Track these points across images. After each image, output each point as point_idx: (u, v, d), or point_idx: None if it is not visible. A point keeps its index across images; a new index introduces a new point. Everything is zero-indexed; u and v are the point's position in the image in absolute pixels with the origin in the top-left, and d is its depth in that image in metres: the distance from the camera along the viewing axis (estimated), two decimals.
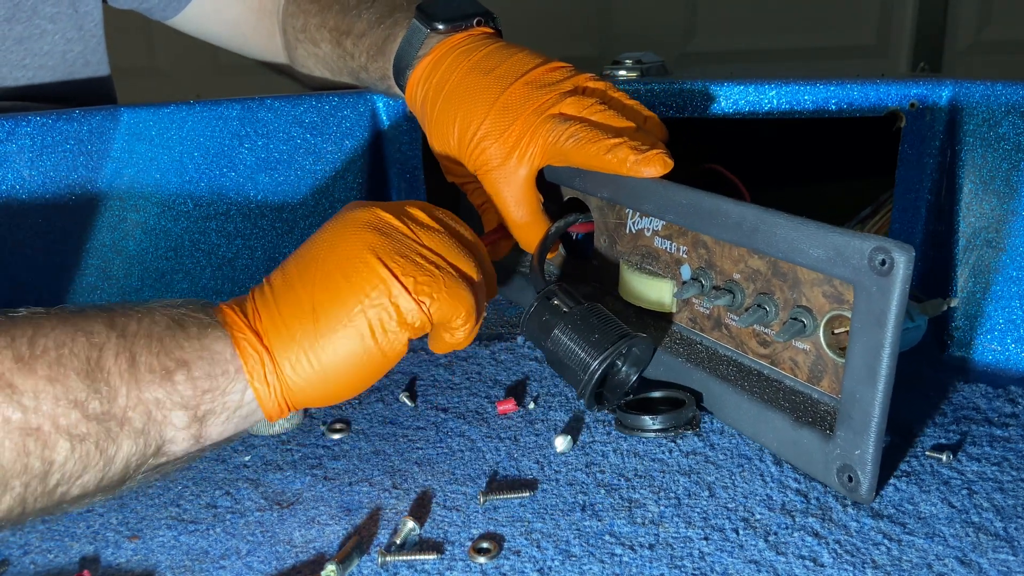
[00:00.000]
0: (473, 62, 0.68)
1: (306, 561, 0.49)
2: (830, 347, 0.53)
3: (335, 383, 0.52)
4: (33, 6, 0.83)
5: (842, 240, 0.49)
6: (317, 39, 0.85)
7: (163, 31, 0.99)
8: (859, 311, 0.49)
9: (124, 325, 0.50)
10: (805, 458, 0.54)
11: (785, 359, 0.56)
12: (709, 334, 0.61)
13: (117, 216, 0.71)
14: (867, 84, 0.73)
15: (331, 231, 0.55)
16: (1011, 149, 0.68)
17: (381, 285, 0.52)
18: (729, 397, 0.58)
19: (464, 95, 0.66)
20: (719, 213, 0.56)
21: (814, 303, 0.54)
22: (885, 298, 0.48)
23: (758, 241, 0.54)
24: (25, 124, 0.68)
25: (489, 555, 0.49)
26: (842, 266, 0.50)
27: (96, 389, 0.48)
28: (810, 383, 0.55)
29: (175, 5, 0.94)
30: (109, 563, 0.50)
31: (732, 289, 0.58)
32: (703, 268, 0.60)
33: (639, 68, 0.82)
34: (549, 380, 0.67)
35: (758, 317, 0.56)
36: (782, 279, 0.55)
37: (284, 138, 0.75)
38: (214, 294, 0.74)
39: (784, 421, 0.55)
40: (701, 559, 0.48)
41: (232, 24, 0.96)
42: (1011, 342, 0.67)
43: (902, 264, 0.47)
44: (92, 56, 0.89)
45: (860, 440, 0.50)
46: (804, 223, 0.51)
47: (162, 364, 0.50)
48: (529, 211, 0.66)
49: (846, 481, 0.52)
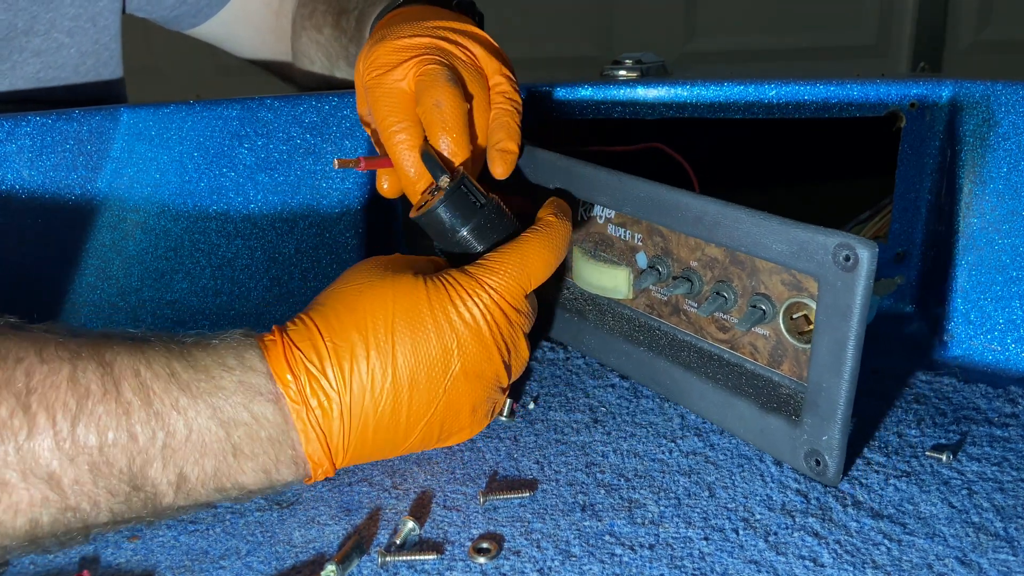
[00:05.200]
0: (428, 11, 0.67)
1: (306, 561, 0.49)
2: (789, 332, 0.54)
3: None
4: (52, 19, 0.83)
5: (805, 235, 0.50)
6: (321, 24, 0.86)
7: (163, 31, 0.99)
8: (824, 304, 0.50)
9: (171, 427, 0.48)
10: (772, 443, 0.55)
11: (745, 344, 0.57)
12: (667, 319, 0.62)
13: (117, 216, 0.71)
14: (867, 84, 0.73)
15: (447, 371, 0.53)
16: (1011, 149, 0.68)
17: (460, 438, 0.58)
18: (694, 386, 0.59)
19: (395, 25, 0.65)
20: (678, 207, 0.56)
21: (773, 291, 0.54)
22: (850, 292, 0.49)
23: (719, 236, 0.55)
24: (25, 124, 0.68)
25: (489, 555, 0.49)
26: (806, 261, 0.51)
27: (139, 488, 0.48)
28: (771, 367, 0.56)
29: (206, 12, 0.94)
30: (109, 563, 0.50)
31: (690, 277, 0.59)
32: (659, 256, 0.60)
33: (639, 68, 0.82)
34: (549, 380, 0.67)
35: (718, 305, 0.57)
36: (740, 267, 0.56)
37: (284, 138, 0.75)
38: (214, 294, 0.74)
39: (751, 408, 0.56)
40: (701, 559, 0.48)
41: (255, 29, 0.96)
42: (1011, 342, 0.67)
43: (866, 260, 0.48)
44: (104, 69, 0.89)
45: (827, 426, 0.52)
46: (767, 218, 0.52)
47: (217, 484, 0.50)
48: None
49: (814, 465, 0.53)
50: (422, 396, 0.53)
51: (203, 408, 0.49)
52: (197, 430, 0.49)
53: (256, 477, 0.51)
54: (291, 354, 0.51)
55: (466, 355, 0.53)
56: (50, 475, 0.46)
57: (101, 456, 0.47)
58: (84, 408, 0.47)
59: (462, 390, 0.54)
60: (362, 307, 0.53)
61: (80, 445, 0.46)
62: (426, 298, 0.53)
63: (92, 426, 0.47)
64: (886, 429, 0.59)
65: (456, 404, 0.54)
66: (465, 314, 0.53)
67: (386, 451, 0.55)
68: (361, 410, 0.51)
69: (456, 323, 0.53)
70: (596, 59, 0.68)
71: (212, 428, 0.49)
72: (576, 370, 0.67)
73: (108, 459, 0.47)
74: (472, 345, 0.53)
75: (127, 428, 0.47)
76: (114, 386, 0.48)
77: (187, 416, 0.48)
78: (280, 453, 0.51)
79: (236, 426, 0.49)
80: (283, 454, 0.51)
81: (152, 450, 0.48)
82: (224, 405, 0.49)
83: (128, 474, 0.48)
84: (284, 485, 0.52)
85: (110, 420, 0.47)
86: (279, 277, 0.76)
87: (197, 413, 0.49)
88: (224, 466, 0.49)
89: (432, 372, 0.53)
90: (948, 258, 0.70)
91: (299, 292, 0.76)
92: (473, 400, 0.55)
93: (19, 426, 0.45)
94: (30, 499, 0.46)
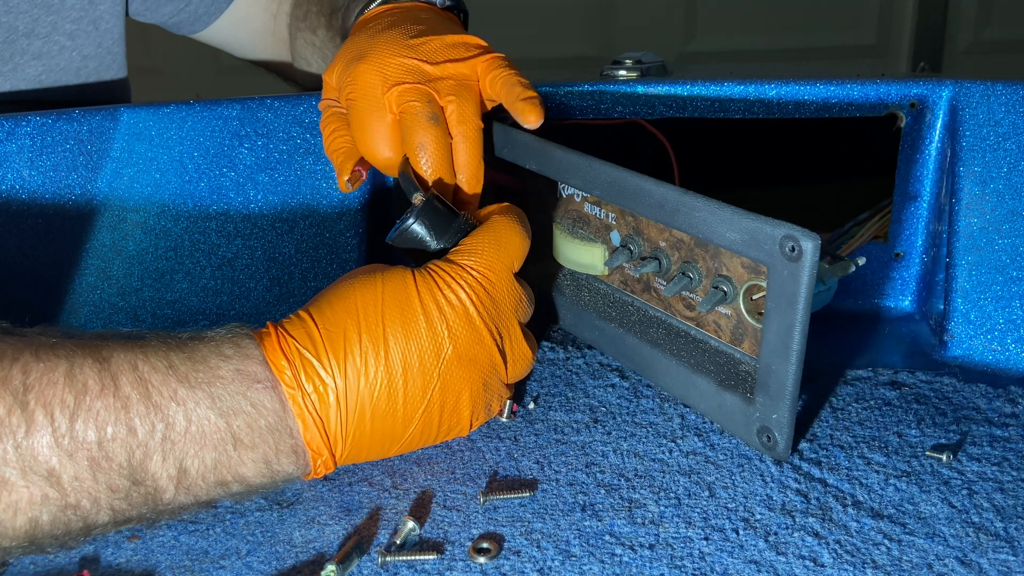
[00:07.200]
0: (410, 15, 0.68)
1: (306, 561, 0.49)
2: (749, 313, 0.57)
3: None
4: (53, 22, 0.83)
5: (755, 225, 0.52)
6: (315, 26, 0.86)
7: (163, 31, 0.99)
8: (772, 292, 0.53)
9: (170, 419, 0.48)
10: (728, 419, 0.58)
11: (709, 322, 0.60)
12: (640, 296, 0.65)
13: (117, 216, 0.71)
14: (867, 84, 0.73)
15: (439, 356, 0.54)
16: (1011, 149, 0.68)
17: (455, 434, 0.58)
18: (660, 362, 0.62)
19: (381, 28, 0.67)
20: (642, 192, 0.59)
21: (733, 272, 0.57)
22: (795, 281, 0.51)
23: (679, 221, 0.57)
24: (25, 124, 0.68)
25: (489, 555, 0.49)
26: (756, 249, 0.53)
27: (140, 483, 0.48)
28: (732, 344, 0.59)
29: (204, 20, 0.94)
30: (109, 563, 0.50)
31: (659, 256, 0.61)
32: (631, 235, 0.63)
33: (639, 68, 0.82)
34: (549, 380, 0.67)
35: (683, 285, 0.60)
36: (704, 249, 0.59)
37: (284, 138, 0.75)
38: (214, 294, 0.74)
39: (709, 385, 0.58)
40: (701, 559, 0.48)
41: (255, 33, 0.97)
42: (1011, 342, 0.67)
43: (809, 251, 0.50)
44: (107, 72, 0.89)
45: (776, 405, 0.54)
46: (720, 207, 0.54)
47: (217, 477, 0.50)
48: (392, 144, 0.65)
49: (765, 441, 0.56)
50: (416, 381, 0.53)
51: (202, 397, 0.49)
52: (196, 421, 0.49)
53: (257, 469, 0.50)
54: (285, 342, 0.52)
55: (457, 338, 0.54)
56: (50, 472, 0.46)
57: (100, 451, 0.47)
58: (82, 404, 0.47)
59: (457, 375, 0.54)
60: (353, 297, 0.54)
61: (79, 441, 0.46)
62: (414, 285, 0.54)
63: (91, 421, 0.47)
64: (886, 429, 0.59)
65: (453, 389, 0.55)
66: (452, 297, 0.54)
67: (386, 443, 0.54)
68: (357, 396, 0.52)
69: (444, 307, 0.54)
70: (596, 59, 0.68)
71: (211, 418, 0.49)
72: (576, 370, 0.67)
73: (107, 454, 0.47)
74: (461, 328, 0.54)
75: (126, 422, 0.47)
76: (112, 381, 0.48)
77: (186, 407, 0.49)
78: (280, 442, 0.51)
79: (235, 415, 0.49)
80: (283, 443, 0.51)
81: (152, 443, 0.48)
82: (223, 394, 0.49)
83: (128, 468, 0.47)
84: (285, 479, 0.52)
85: (108, 415, 0.47)
86: (279, 277, 0.76)
87: (196, 404, 0.49)
88: (224, 457, 0.49)
89: (424, 356, 0.53)
90: (948, 258, 0.70)
91: (299, 292, 0.76)
92: (470, 386, 0.55)
93: (17, 424, 0.45)
94: (30, 497, 0.46)
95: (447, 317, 0.54)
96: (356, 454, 0.54)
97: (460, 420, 0.57)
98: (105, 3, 0.86)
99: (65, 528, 0.47)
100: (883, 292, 0.76)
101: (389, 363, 0.52)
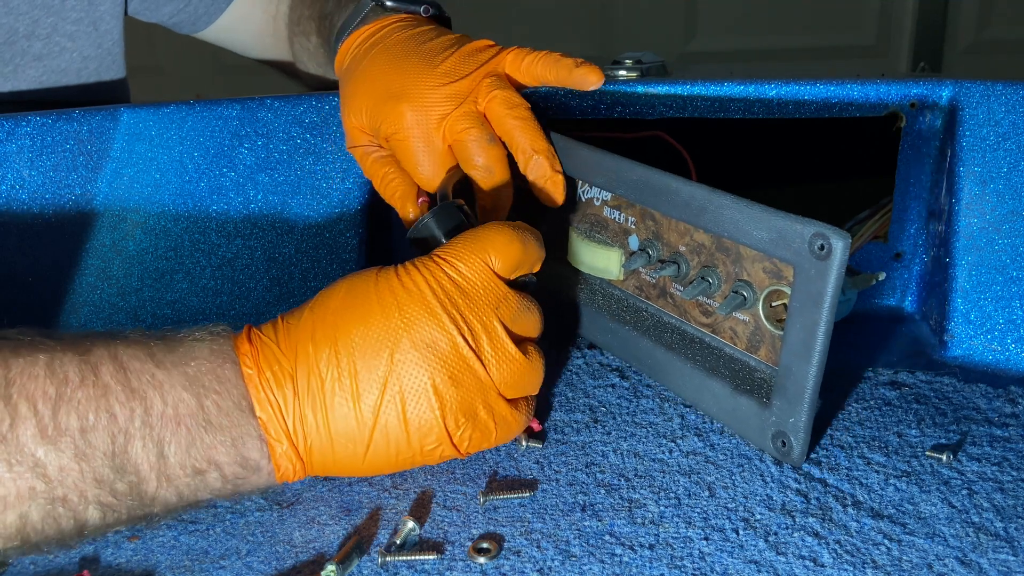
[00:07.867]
0: (411, 34, 0.69)
1: (306, 561, 0.49)
2: (768, 319, 0.56)
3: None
4: (53, 24, 0.83)
5: (784, 224, 0.52)
6: (308, 31, 0.86)
7: (163, 30, 0.99)
8: (798, 291, 0.52)
9: (148, 402, 0.49)
10: (742, 424, 0.57)
11: (725, 328, 0.59)
12: (655, 302, 0.64)
13: (117, 216, 0.71)
14: (867, 84, 0.73)
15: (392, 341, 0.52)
16: (1011, 149, 0.68)
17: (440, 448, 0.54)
18: (673, 365, 0.61)
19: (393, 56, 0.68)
20: (669, 191, 0.59)
21: (754, 278, 0.56)
22: (823, 280, 0.51)
23: (706, 220, 0.57)
24: (25, 124, 0.68)
25: (489, 555, 0.49)
26: (784, 248, 0.52)
27: (123, 471, 0.48)
28: (748, 352, 0.58)
29: (204, 20, 0.94)
30: (109, 563, 0.50)
31: (677, 261, 0.61)
32: (650, 239, 0.63)
33: (639, 68, 0.82)
34: (549, 380, 0.67)
35: (702, 289, 0.59)
36: (725, 253, 0.58)
37: (284, 138, 0.75)
38: (214, 294, 0.74)
39: (724, 389, 0.58)
40: (701, 559, 0.48)
41: (255, 34, 0.97)
42: (1011, 342, 0.67)
43: (839, 249, 0.50)
44: (107, 72, 0.89)
45: (794, 409, 0.53)
46: (750, 205, 0.54)
47: (193, 462, 0.50)
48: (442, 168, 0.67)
49: (780, 446, 0.55)
50: (367, 362, 0.51)
51: (177, 377, 0.50)
52: (172, 403, 0.49)
53: (228, 453, 0.50)
54: (253, 332, 0.54)
55: (410, 319, 0.52)
56: (36, 463, 0.46)
57: (84, 440, 0.47)
58: (63, 395, 0.47)
59: (412, 359, 0.52)
60: (319, 295, 0.55)
61: (62, 429, 0.47)
62: (374, 278, 0.54)
63: (73, 411, 0.47)
64: (886, 429, 0.59)
65: (412, 375, 0.52)
66: (408, 282, 0.53)
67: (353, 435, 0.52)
68: (307, 381, 0.51)
69: (399, 291, 0.53)
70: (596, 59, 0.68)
71: (185, 398, 0.50)
72: (576, 370, 0.67)
73: (91, 442, 0.47)
74: (414, 309, 0.52)
75: (107, 408, 0.48)
76: (92, 372, 0.48)
77: (163, 389, 0.49)
78: (245, 423, 0.51)
79: (206, 394, 0.50)
80: (247, 424, 0.51)
81: (132, 428, 0.48)
82: (195, 373, 0.50)
83: (111, 456, 0.48)
84: (255, 470, 0.51)
85: (90, 403, 0.48)
86: (279, 277, 0.76)
87: (172, 385, 0.50)
88: (198, 440, 0.50)
89: (374, 338, 0.52)
90: (948, 258, 0.70)
91: (299, 292, 0.76)
92: (431, 375, 0.52)
93: (1, 416, 0.46)
94: (17, 491, 0.46)
95: (399, 299, 0.53)
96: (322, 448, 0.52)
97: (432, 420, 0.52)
98: (105, 4, 0.86)
99: (56, 525, 0.48)
100: (883, 292, 0.76)
101: (336, 349, 0.52)
